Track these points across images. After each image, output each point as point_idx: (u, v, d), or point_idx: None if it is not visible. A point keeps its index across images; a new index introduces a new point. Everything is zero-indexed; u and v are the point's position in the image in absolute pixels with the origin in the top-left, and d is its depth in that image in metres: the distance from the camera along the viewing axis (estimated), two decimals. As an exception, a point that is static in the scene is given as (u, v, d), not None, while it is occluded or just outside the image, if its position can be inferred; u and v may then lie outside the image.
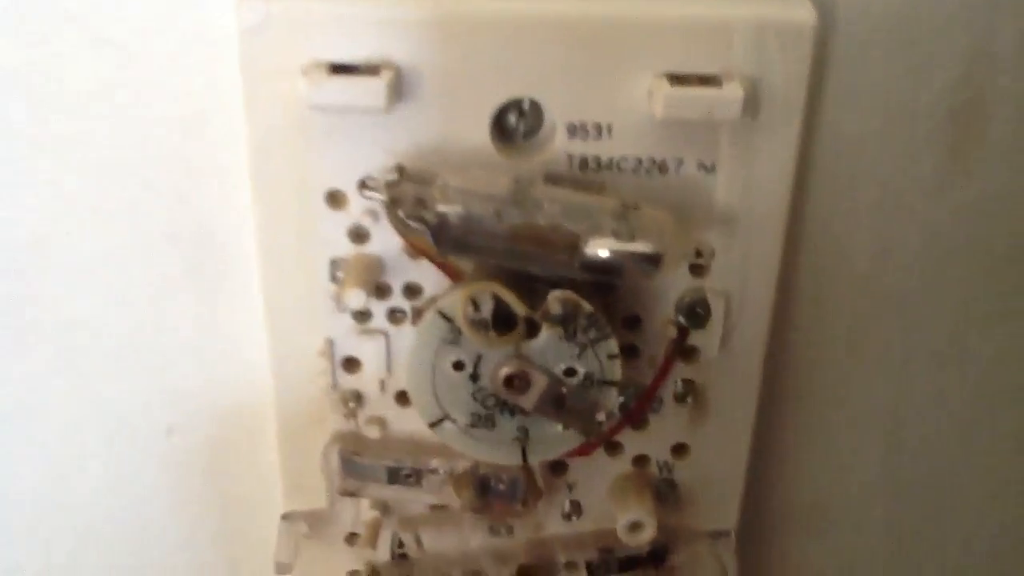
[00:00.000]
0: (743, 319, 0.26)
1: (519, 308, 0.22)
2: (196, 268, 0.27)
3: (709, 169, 0.24)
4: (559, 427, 0.24)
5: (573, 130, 0.24)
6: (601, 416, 0.24)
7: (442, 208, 0.22)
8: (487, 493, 0.26)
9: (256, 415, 0.29)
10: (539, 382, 0.23)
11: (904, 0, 0.24)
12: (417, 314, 0.25)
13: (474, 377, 0.24)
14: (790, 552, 0.32)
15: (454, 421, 0.24)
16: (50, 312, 0.28)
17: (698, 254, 0.23)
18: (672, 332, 0.26)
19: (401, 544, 0.29)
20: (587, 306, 0.23)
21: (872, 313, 0.28)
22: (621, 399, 0.26)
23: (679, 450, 0.28)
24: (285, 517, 0.28)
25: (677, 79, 0.23)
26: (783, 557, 0.32)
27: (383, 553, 0.29)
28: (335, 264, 0.25)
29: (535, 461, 0.25)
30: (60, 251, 0.27)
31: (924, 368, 0.29)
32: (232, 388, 0.29)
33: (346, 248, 0.25)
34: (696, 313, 0.25)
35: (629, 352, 0.26)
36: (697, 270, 0.25)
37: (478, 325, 0.23)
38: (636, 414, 0.26)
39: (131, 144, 0.26)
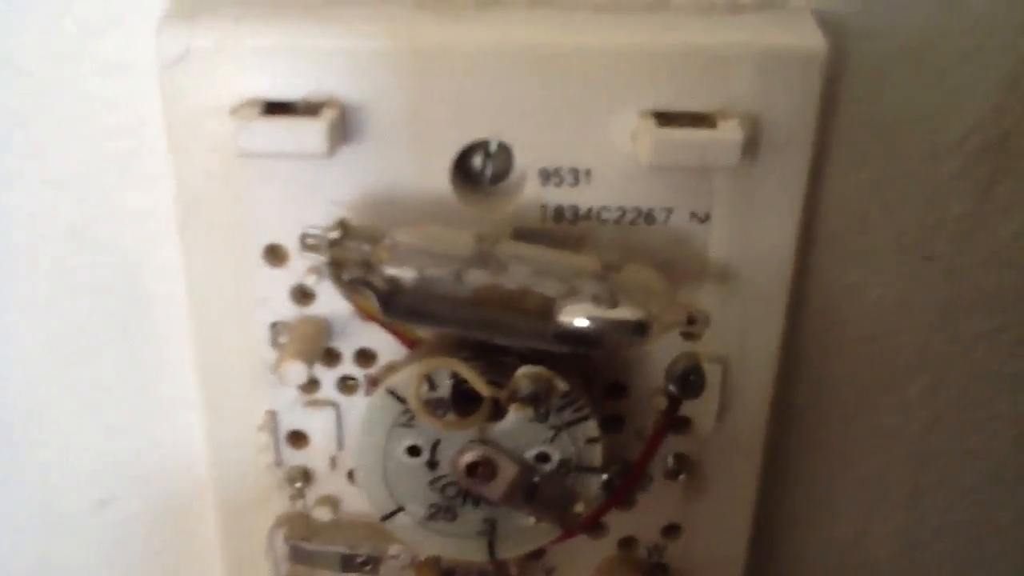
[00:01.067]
0: (742, 387, 0.23)
1: (482, 388, 0.19)
2: (125, 323, 0.24)
3: (702, 219, 0.21)
4: (531, 520, 0.21)
5: (547, 176, 0.21)
6: (580, 507, 0.21)
7: (392, 271, 0.19)
8: (453, 585, 0.23)
9: (194, 487, 0.26)
10: (507, 470, 0.20)
11: (928, 24, 0.21)
12: (372, 383, 0.22)
13: (432, 464, 0.20)
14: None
15: (410, 513, 0.21)
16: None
17: (690, 321, 0.20)
18: (662, 403, 0.22)
19: (360, 635, 0.25)
20: (562, 384, 0.20)
21: (888, 376, 0.25)
22: (604, 476, 0.23)
23: (671, 531, 0.25)
24: (225, 609, 0.25)
25: (666, 118, 0.20)
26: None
27: (340, 644, 0.26)
28: (276, 328, 0.22)
29: (504, 556, 0.22)
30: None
31: (948, 436, 0.26)
32: (167, 455, 0.26)
33: (289, 310, 0.22)
34: (689, 381, 0.22)
35: (613, 423, 0.23)
36: (690, 334, 0.22)
37: (434, 406, 0.20)
38: (622, 494, 0.23)
39: (53, 184, 0.23)
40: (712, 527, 0.25)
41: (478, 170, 0.21)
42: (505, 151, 0.21)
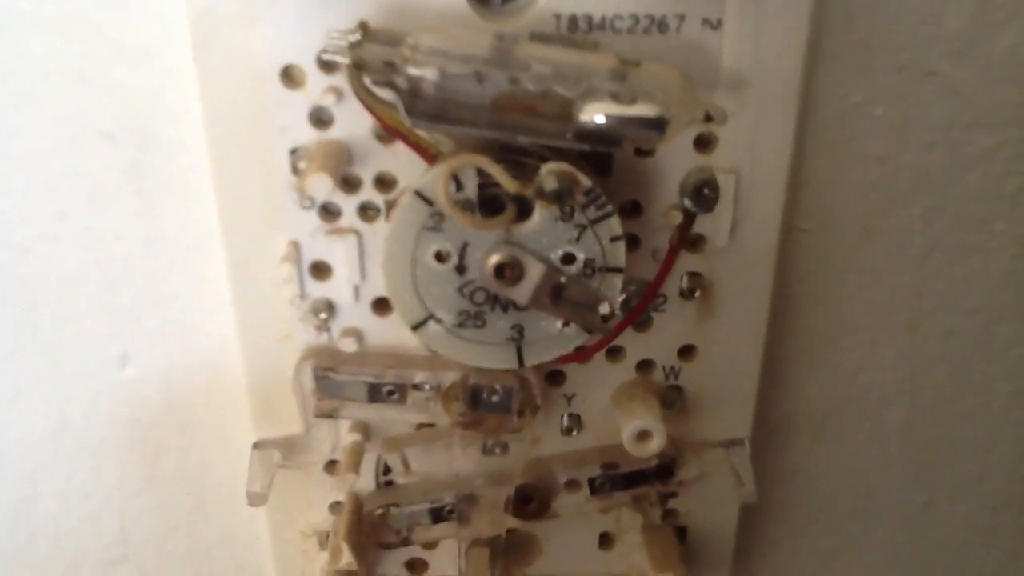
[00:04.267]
0: (754, 201, 0.23)
1: (508, 184, 0.20)
2: (137, 169, 0.24)
3: (715, 26, 0.21)
4: (558, 324, 0.22)
5: (560, -15, 0.21)
6: (604, 309, 0.21)
7: (414, 71, 0.19)
8: (479, 406, 0.24)
9: (215, 333, 0.26)
10: (534, 271, 0.21)
11: None
12: (391, 209, 0.23)
13: (460, 269, 0.21)
14: (801, 461, 0.30)
15: (439, 321, 0.21)
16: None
17: (708, 117, 0.20)
18: (677, 218, 0.23)
19: (387, 470, 0.26)
20: (585, 180, 0.20)
21: (892, 195, 0.26)
22: (623, 296, 0.23)
23: (686, 352, 0.25)
24: (256, 446, 0.25)
25: (677, -82, 0.20)
26: (794, 466, 0.30)
27: (367, 481, 0.26)
28: (296, 154, 0.22)
29: (532, 363, 0.22)
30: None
31: (948, 257, 0.27)
32: (185, 305, 0.26)
33: (307, 135, 0.22)
34: (704, 195, 0.23)
35: (629, 244, 0.23)
36: (703, 145, 0.23)
37: (462, 206, 0.20)
38: (639, 311, 0.24)
39: (56, 24, 0.23)
40: (726, 347, 0.25)
41: (491, -16, 0.21)
42: (517, -37, 0.21)
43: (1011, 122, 0.25)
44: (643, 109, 0.20)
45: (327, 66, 0.21)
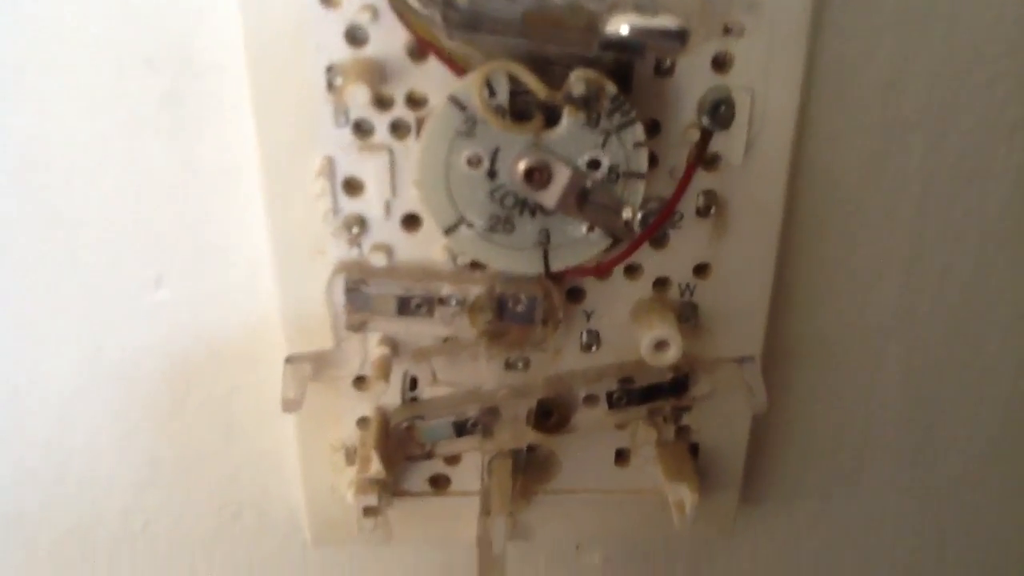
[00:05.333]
0: (768, 121, 0.25)
1: (539, 89, 0.21)
2: (175, 95, 0.25)
3: (732, -53, 0.23)
4: (583, 229, 0.23)
5: (585, -94, 0.22)
6: (627, 214, 0.22)
7: (450, -17, 0.20)
8: (504, 316, 0.25)
9: (250, 257, 0.27)
10: (561, 175, 0.22)
11: None
12: (422, 125, 0.24)
13: (491, 174, 0.22)
14: (807, 385, 0.31)
15: (471, 225, 0.23)
16: (15, 151, 0.26)
17: (726, 30, 0.22)
18: (694, 135, 0.24)
19: (413, 385, 0.27)
20: (611, 86, 0.21)
21: (895, 126, 0.27)
22: (641, 213, 0.24)
23: (701, 271, 0.26)
24: (289, 360, 0.26)
25: None
26: (800, 391, 0.31)
27: (393, 396, 0.27)
28: (332, 71, 0.23)
29: (558, 268, 0.23)
30: (25, 83, 0.25)
31: (947, 187, 0.28)
32: (221, 226, 0.27)
33: (343, 52, 0.23)
34: (720, 113, 0.24)
35: (649, 162, 0.25)
36: (720, 65, 0.24)
37: (495, 111, 0.21)
38: (657, 226, 0.25)
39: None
40: (739, 266, 0.26)
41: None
42: None
43: (1006, 54, 0.26)
44: (665, 21, 0.21)
45: (364, -17, 0.22)
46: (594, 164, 0.22)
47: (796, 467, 0.32)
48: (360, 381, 0.27)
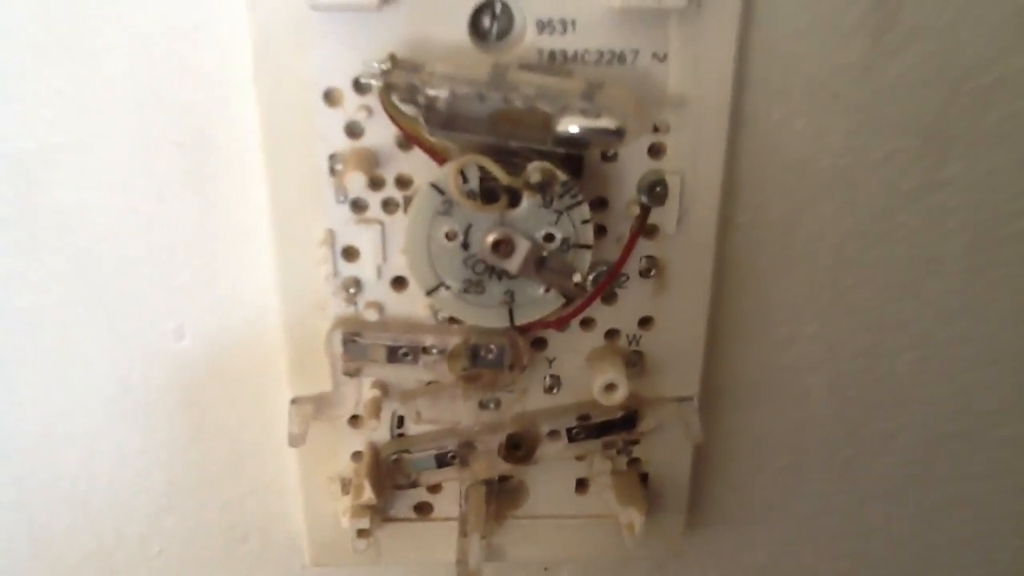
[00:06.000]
0: (696, 197, 0.29)
1: (502, 177, 0.25)
2: (198, 171, 0.30)
3: (662, 59, 0.27)
4: (541, 290, 0.28)
5: (542, 26, 0.27)
6: (577, 277, 0.27)
7: (431, 92, 0.25)
8: (477, 363, 0.29)
9: (258, 306, 0.32)
10: (522, 246, 0.26)
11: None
12: (409, 202, 0.28)
13: (465, 245, 0.27)
14: (743, 419, 0.35)
15: (448, 287, 0.27)
16: (58, 217, 0.30)
17: (656, 129, 0.26)
18: (635, 211, 0.29)
19: (400, 423, 0.32)
20: (562, 175, 0.26)
21: (810, 193, 0.32)
22: (592, 275, 0.29)
23: (645, 322, 0.31)
24: (294, 401, 0.31)
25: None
26: (737, 425, 0.35)
27: (383, 432, 0.32)
28: (333, 158, 0.28)
29: (522, 322, 0.28)
30: (68, 160, 0.30)
31: (859, 244, 0.33)
32: (236, 282, 0.31)
33: (343, 143, 0.28)
34: (656, 192, 0.29)
35: (598, 232, 0.29)
36: (655, 153, 0.29)
37: (468, 195, 0.26)
38: (605, 286, 0.29)
39: (136, 53, 0.28)
40: (677, 318, 0.31)
41: (487, 27, 0.27)
42: (508, 10, 0.27)
43: (901, 134, 0.31)
44: (606, 122, 0.26)
45: (361, 88, 0.27)
46: (549, 237, 0.27)
47: (737, 493, 0.37)
48: (355, 419, 0.32)
